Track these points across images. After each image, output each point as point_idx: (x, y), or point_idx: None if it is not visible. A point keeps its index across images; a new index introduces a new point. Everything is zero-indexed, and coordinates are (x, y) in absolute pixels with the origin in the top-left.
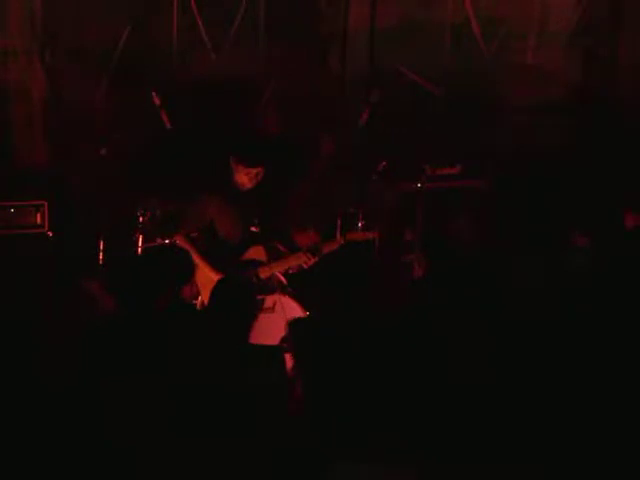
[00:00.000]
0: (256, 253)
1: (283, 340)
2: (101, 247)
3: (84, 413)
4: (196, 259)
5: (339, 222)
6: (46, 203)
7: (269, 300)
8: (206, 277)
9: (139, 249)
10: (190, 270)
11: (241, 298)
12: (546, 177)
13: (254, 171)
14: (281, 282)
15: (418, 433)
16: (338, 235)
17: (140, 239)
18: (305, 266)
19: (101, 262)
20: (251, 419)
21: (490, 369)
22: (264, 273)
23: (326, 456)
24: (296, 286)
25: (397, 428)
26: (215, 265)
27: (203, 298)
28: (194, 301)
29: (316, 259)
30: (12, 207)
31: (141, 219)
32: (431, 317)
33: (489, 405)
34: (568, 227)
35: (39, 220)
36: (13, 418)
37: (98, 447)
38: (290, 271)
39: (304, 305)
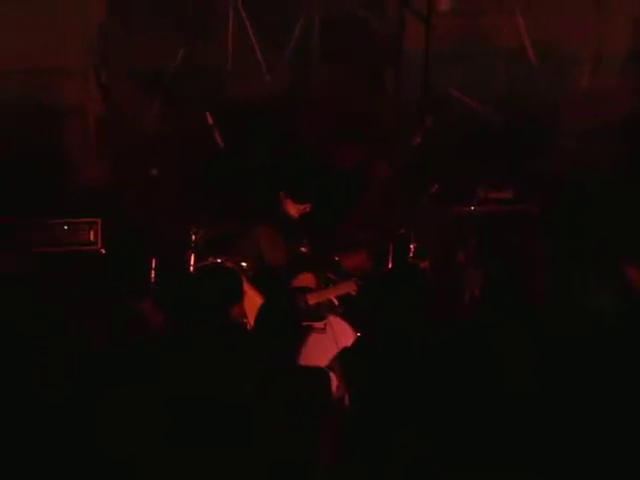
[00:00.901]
0: (305, 280)
1: (333, 361)
2: (153, 265)
3: (131, 427)
4: (244, 286)
5: (391, 244)
6: (99, 221)
7: (320, 321)
8: (254, 304)
9: (191, 267)
10: (240, 290)
11: (284, 322)
12: (599, 204)
13: (302, 207)
14: (332, 303)
15: (473, 453)
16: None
17: (192, 258)
18: (353, 293)
19: (153, 280)
20: (294, 438)
21: (546, 387)
22: (313, 299)
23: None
24: (347, 307)
25: (448, 449)
26: (263, 291)
27: (250, 322)
28: (244, 320)
29: (364, 284)
30: (66, 224)
31: (193, 238)
32: (485, 337)
33: (544, 422)
34: (619, 256)
35: (92, 237)
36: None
37: (165, 456)
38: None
39: (355, 326)
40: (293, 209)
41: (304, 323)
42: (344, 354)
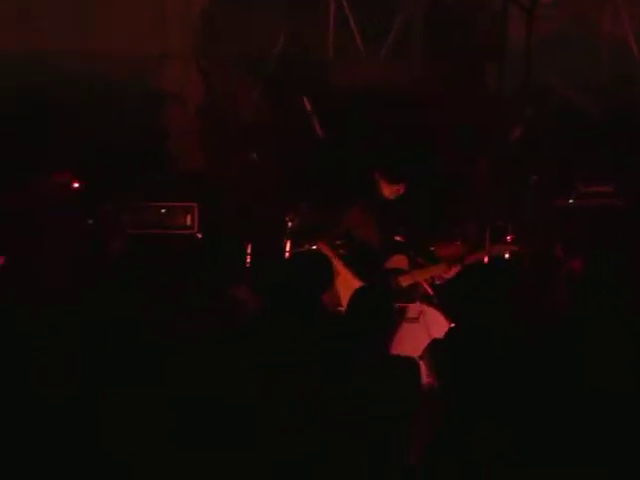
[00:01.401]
0: (398, 262)
1: (424, 352)
2: (249, 250)
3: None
4: (338, 266)
5: (487, 235)
6: (196, 205)
7: (414, 310)
8: (347, 285)
9: (287, 254)
10: (331, 277)
11: (380, 306)
12: None
13: (395, 187)
14: (427, 292)
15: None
16: (482, 249)
17: (288, 244)
18: (446, 275)
19: (248, 266)
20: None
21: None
22: (405, 281)
23: None
24: (442, 297)
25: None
26: (357, 272)
27: (343, 304)
28: (339, 308)
29: (457, 269)
30: (163, 208)
31: (290, 224)
32: (581, 330)
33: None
34: None
35: (189, 221)
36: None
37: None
38: (437, 282)
39: (449, 316)
40: (387, 190)
41: (397, 305)
42: (436, 344)
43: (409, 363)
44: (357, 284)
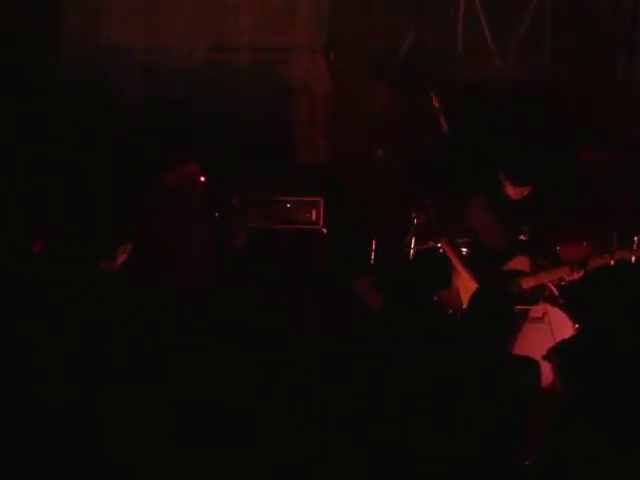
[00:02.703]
0: (520, 263)
1: (548, 352)
2: (373, 246)
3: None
4: (458, 265)
5: (615, 238)
6: (322, 200)
7: (538, 310)
8: (467, 284)
9: (412, 250)
10: (448, 275)
11: (499, 307)
12: None
13: (520, 189)
14: (552, 293)
15: None
16: (608, 252)
17: (413, 241)
18: (568, 279)
19: (372, 261)
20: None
21: None
22: (527, 283)
23: None
24: (569, 298)
25: None
26: (476, 273)
27: (464, 305)
28: (461, 308)
29: (581, 273)
30: (289, 202)
31: (415, 221)
32: None
33: None
34: None
35: (314, 216)
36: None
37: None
38: (562, 283)
39: (575, 317)
40: (512, 191)
41: (518, 307)
42: (561, 346)
43: (528, 363)
44: (474, 284)
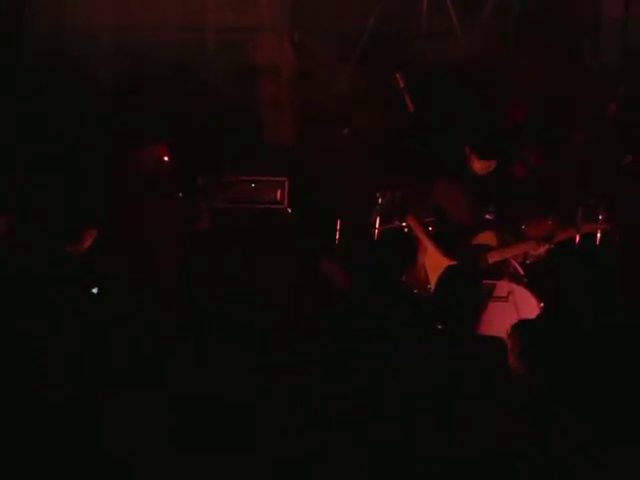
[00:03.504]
0: (486, 238)
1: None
2: (338, 226)
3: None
4: (426, 242)
5: (579, 214)
6: (287, 180)
7: (503, 289)
8: (435, 261)
9: (376, 230)
10: (414, 254)
11: (469, 285)
12: None
13: (487, 163)
14: (517, 271)
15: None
16: (574, 226)
17: (378, 220)
18: (534, 253)
19: (337, 241)
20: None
21: None
22: (493, 258)
23: None
24: (533, 277)
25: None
26: (445, 248)
27: (432, 282)
28: (428, 286)
29: (547, 247)
30: (253, 182)
31: (380, 200)
32: None
33: None
34: None
35: (279, 196)
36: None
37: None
38: (527, 261)
39: (539, 296)
40: (478, 165)
41: (485, 282)
42: (523, 325)
43: (497, 344)
44: (445, 261)
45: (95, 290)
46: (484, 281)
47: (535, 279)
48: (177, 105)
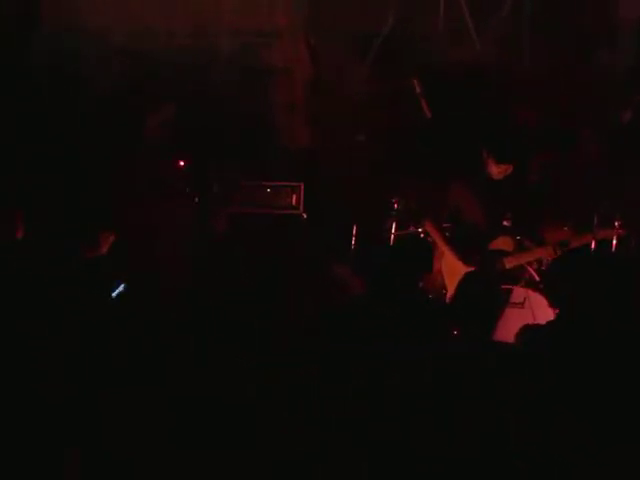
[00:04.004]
0: (503, 243)
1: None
2: (354, 232)
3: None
4: (443, 247)
5: (595, 220)
6: (302, 185)
7: (519, 295)
8: (452, 266)
9: (392, 236)
10: (429, 260)
11: (487, 291)
12: None
13: (504, 167)
14: (533, 277)
15: None
16: (590, 232)
17: (393, 226)
18: (551, 259)
19: (353, 246)
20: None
21: None
22: (510, 263)
23: None
24: (549, 283)
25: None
26: (462, 254)
27: (449, 288)
28: (443, 291)
29: (561, 253)
30: (269, 187)
31: (396, 206)
32: None
33: None
34: None
35: (294, 201)
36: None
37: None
38: (543, 267)
39: (555, 302)
40: (495, 169)
41: (502, 286)
42: (538, 329)
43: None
44: (462, 267)
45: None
46: (502, 285)
47: (551, 286)
48: (192, 109)
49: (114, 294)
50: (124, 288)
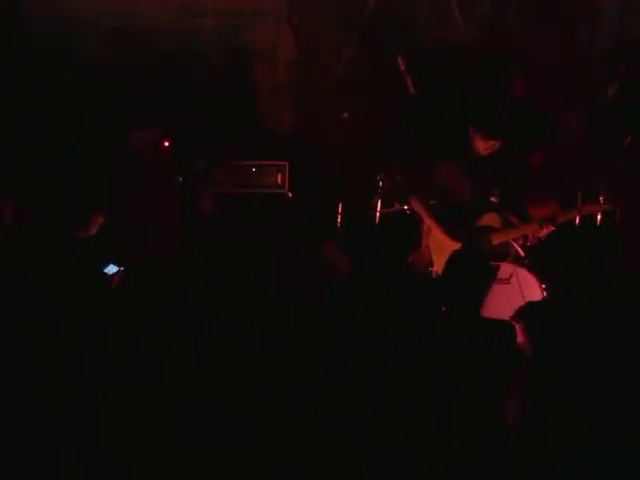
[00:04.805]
0: (490, 220)
1: (517, 313)
2: (339, 210)
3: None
4: (430, 224)
5: (580, 195)
6: (287, 164)
7: (505, 271)
8: (439, 243)
9: (377, 213)
10: (418, 237)
11: (478, 270)
12: None
13: (491, 142)
14: (518, 254)
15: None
16: (575, 208)
17: (379, 204)
18: (538, 235)
19: (339, 225)
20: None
21: None
22: (497, 239)
23: None
24: (534, 258)
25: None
26: (449, 230)
27: (436, 265)
28: (429, 268)
29: (550, 229)
30: (254, 167)
31: (381, 184)
32: None
33: None
34: None
35: (280, 180)
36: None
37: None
38: (528, 243)
39: (541, 278)
40: (482, 145)
41: (489, 263)
42: (529, 306)
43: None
44: (449, 243)
45: (110, 270)
46: (490, 261)
47: (537, 261)
48: (176, 90)
49: (106, 272)
50: (116, 269)
